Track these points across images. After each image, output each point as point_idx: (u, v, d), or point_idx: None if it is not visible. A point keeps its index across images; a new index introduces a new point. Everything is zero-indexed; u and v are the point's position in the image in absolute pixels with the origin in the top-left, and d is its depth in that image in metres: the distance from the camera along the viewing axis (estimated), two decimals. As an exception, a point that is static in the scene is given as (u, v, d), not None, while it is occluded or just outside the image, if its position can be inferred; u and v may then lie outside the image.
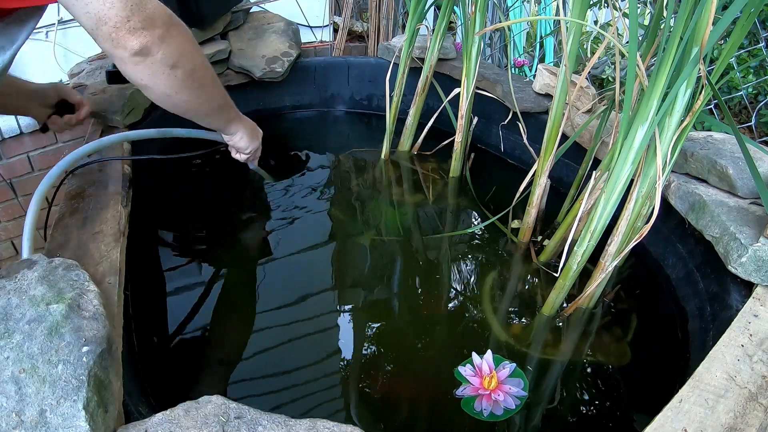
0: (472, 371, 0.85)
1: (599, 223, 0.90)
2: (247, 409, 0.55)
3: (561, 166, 1.31)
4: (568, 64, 0.97)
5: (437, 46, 1.41)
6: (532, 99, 1.36)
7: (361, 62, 1.75)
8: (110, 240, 0.82)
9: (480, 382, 0.82)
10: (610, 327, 0.97)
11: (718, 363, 0.66)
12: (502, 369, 0.85)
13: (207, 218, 1.27)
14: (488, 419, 0.79)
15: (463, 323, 0.98)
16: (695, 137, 1.01)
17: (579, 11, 0.94)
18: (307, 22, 1.97)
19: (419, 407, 0.84)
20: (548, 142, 1.07)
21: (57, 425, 0.50)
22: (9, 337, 0.56)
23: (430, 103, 1.49)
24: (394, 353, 0.92)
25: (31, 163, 1.61)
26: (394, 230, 1.24)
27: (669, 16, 0.81)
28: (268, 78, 1.53)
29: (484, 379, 0.82)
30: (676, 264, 1.03)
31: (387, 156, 1.51)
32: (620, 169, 0.85)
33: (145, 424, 0.54)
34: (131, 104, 1.26)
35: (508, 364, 0.86)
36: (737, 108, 1.53)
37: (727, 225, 0.83)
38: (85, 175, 1.03)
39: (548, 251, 1.12)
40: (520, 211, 1.19)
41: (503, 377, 0.83)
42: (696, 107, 0.79)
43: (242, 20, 1.67)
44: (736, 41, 0.75)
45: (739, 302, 0.80)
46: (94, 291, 0.64)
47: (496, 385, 0.82)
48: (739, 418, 0.59)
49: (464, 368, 0.85)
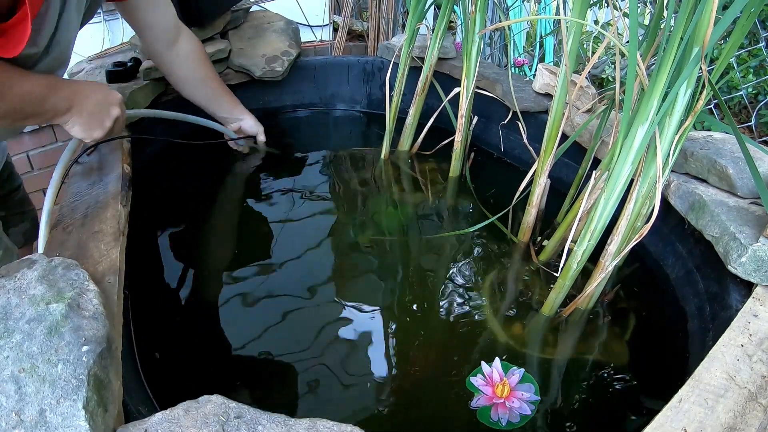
0: (483, 380, 0.84)
1: (599, 223, 0.90)
2: (246, 409, 0.55)
3: (561, 165, 1.31)
4: (568, 64, 0.97)
5: (437, 46, 1.41)
6: (532, 98, 1.36)
7: (361, 61, 1.75)
8: (110, 239, 0.82)
9: (492, 391, 0.82)
10: (609, 327, 0.97)
11: (718, 363, 0.66)
12: (512, 375, 0.84)
13: (206, 217, 1.27)
14: (507, 428, 0.78)
15: (463, 323, 0.97)
16: (695, 137, 1.01)
17: (579, 11, 0.94)
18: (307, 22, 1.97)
19: (419, 407, 0.84)
20: (548, 141, 1.07)
21: (57, 425, 0.50)
22: (9, 337, 0.56)
23: (430, 103, 1.49)
24: (393, 353, 0.92)
25: (31, 162, 1.61)
26: (393, 230, 1.24)
27: (669, 16, 0.81)
28: (267, 77, 1.53)
29: (497, 387, 0.81)
30: (675, 264, 1.03)
31: (387, 155, 1.51)
32: (620, 169, 0.85)
33: (145, 424, 0.54)
34: (131, 103, 1.26)
35: (517, 370, 0.85)
36: (737, 108, 1.53)
37: (727, 225, 0.83)
38: (84, 174, 1.03)
39: (548, 251, 1.12)
40: (520, 210, 1.19)
41: (514, 383, 0.83)
42: (696, 107, 0.79)
43: (242, 19, 1.67)
44: (736, 41, 0.75)
45: (739, 302, 0.80)
46: (93, 290, 0.64)
47: (508, 392, 0.81)
48: (738, 417, 0.59)
49: (475, 378, 0.84)
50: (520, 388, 0.82)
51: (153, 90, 1.36)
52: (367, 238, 1.20)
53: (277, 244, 1.18)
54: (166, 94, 1.42)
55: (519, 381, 0.83)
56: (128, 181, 1.03)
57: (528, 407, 0.80)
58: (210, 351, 0.91)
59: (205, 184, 1.40)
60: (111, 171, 1.04)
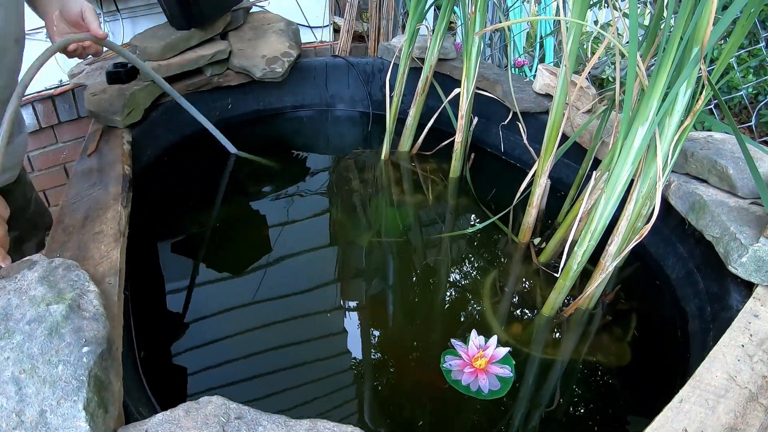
0: (464, 348, 0.89)
1: (599, 224, 0.90)
2: (247, 410, 0.55)
3: (561, 166, 1.31)
4: (568, 64, 0.97)
5: (437, 46, 1.41)
6: (532, 99, 1.36)
7: (362, 62, 1.75)
8: (110, 240, 0.82)
9: (470, 359, 0.86)
10: (610, 327, 0.97)
11: (719, 363, 0.66)
12: (489, 347, 0.88)
13: (206, 218, 1.27)
14: (473, 395, 0.82)
15: (463, 323, 0.97)
16: (695, 137, 1.01)
17: (579, 11, 0.94)
18: (307, 23, 1.97)
19: (420, 408, 0.84)
20: (548, 142, 1.07)
21: (57, 426, 0.50)
22: (9, 338, 0.56)
23: (430, 104, 1.49)
24: (393, 353, 0.92)
25: (31, 163, 1.61)
26: (394, 231, 1.24)
27: (669, 16, 0.81)
28: (268, 78, 1.53)
29: (474, 359, 0.86)
30: (676, 264, 1.03)
31: (387, 156, 1.51)
32: (620, 169, 0.85)
33: (146, 425, 0.54)
34: (131, 105, 1.26)
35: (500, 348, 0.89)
36: (737, 108, 1.53)
37: (728, 225, 0.83)
38: (85, 175, 1.03)
39: (548, 251, 1.12)
40: (520, 211, 1.19)
41: (492, 358, 0.87)
42: (696, 107, 0.79)
43: (242, 20, 1.67)
44: (736, 41, 0.75)
45: (740, 302, 0.80)
46: (94, 291, 0.64)
47: (485, 364, 0.85)
48: (739, 418, 0.59)
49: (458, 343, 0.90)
50: (496, 365, 0.86)
51: (153, 91, 1.36)
52: (368, 239, 1.20)
53: (277, 245, 1.18)
54: (166, 95, 1.42)
55: (499, 360, 0.87)
56: (129, 183, 1.03)
57: (497, 381, 0.84)
58: (210, 351, 0.91)
59: (205, 186, 1.40)
60: (111, 172, 1.04)
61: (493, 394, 0.82)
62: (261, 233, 1.23)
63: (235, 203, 1.33)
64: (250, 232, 1.24)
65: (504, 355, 0.88)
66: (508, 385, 0.84)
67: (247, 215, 1.30)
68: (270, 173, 1.45)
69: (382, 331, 0.96)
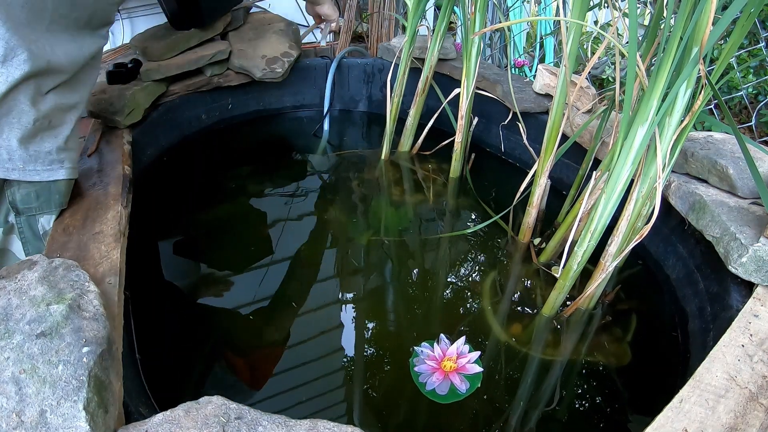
0: (432, 351, 0.89)
1: (599, 224, 0.90)
2: (247, 410, 0.55)
3: (561, 166, 1.31)
4: (568, 65, 0.97)
5: (437, 47, 1.41)
6: (532, 99, 1.36)
7: (361, 63, 1.75)
8: (110, 240, 0.82)
9: (439, 362, 0.86)
10: (610, 327, 0.97)
11: (719, 363, 0.66)
12: (465, 356, 0.88)
13: (206, 218, 1.27)
14: (428, 395, 0.82)
15: (464, 323, 0.97)
16: (695, 137, 1.01)
17: (579, 11, 0.94)
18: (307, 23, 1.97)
19: (420, 408, 0.84)
20: (548, 142, 1.07)
21: (57, 426, 0.50)
22: (9, 338, 0.56)
23: (430, 104, 1.49)
24: (393, 354, 0.92)
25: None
26: (394, 231, 1.24)
27: (669, 16, 0.81)
28: (268, 78, 1.53)
29: (443, 362, 0.86)
30: (676, 264, 1.03)
31: (387, 156, 1.51)
32: (620, 170, 0.85)
33: (146, 425, 0.54)
34: (132, 104, 1.26)
35: (473, 353, 0.88)
36: (737, 108, 1.53)
37: (728, 225, 0.83)
38: (85, 175, 1.03)
39: (548, 251, 1.12)
40: (520, 211, 1.19)
41: (462, 365, 0.86)
42: (696, 107, 0.79)
43: (242, 20, 1.67)
44: (736, 41, 0.75)
45: (740, 302, 0.80)
46: (94, 291, 0.64)
47: (452, 368, 0.85)
48: (739, 418, 0.59)
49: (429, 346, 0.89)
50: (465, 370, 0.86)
51: (154, 91, 1.36)
52: (367, 239, 1.20)
53: (277, 245, 1.18)
54: (166, 95, 1.43)
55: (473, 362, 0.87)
56: (129, 183, 1.03)
57: (463, 383, 0.84)
58: (210, 352, 0.91)
59: (205, 186, 1.40)
60: (111, 172, 1.04)
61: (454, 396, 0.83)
62: (261, 233, 1.23)
63: (236, 202, 1.33)
64: (250, 232, 1.24)
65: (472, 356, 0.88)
66: (477, 382, 0.84)
67: (247, 215, 1.30)
68: (270, 173, 1.45)
69: (381, 331, 0.96)
